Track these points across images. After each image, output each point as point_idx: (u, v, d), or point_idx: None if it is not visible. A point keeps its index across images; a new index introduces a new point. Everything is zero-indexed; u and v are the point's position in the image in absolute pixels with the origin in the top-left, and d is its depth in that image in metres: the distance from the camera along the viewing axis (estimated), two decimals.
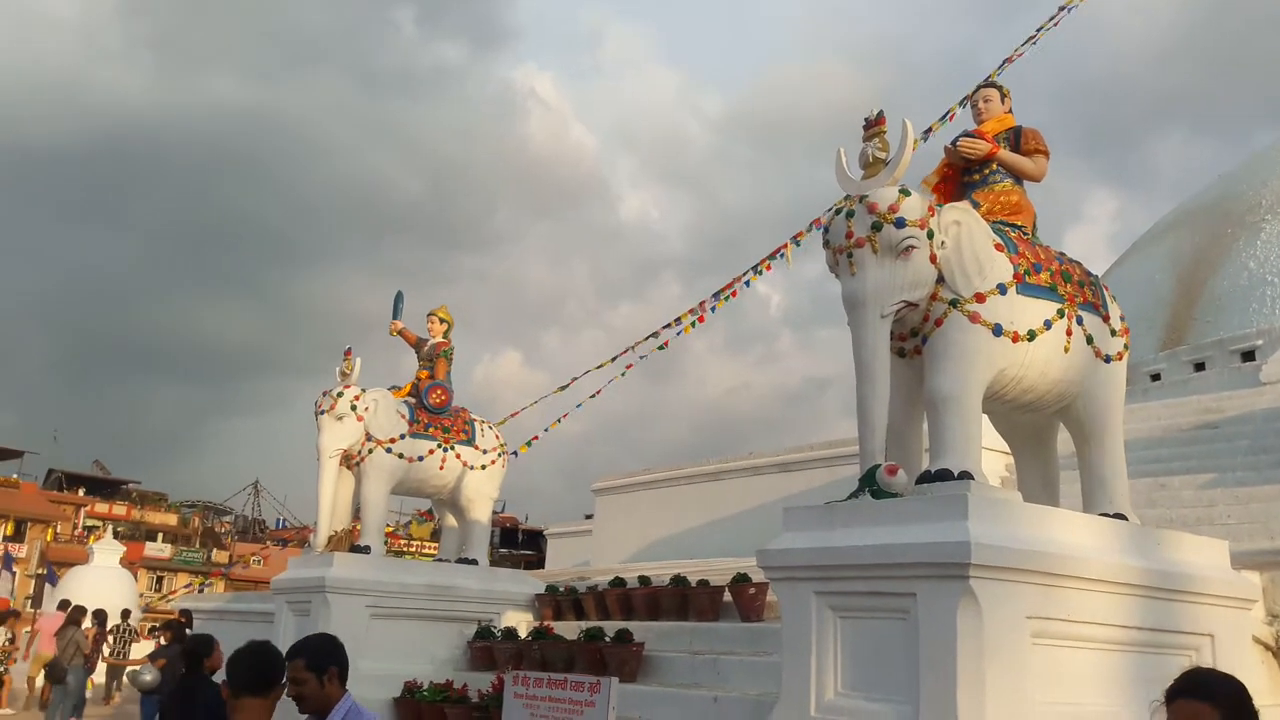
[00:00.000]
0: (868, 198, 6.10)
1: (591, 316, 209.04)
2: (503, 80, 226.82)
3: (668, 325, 21.82)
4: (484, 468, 12.26)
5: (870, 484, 5.80)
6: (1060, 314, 6.51)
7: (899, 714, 5.36)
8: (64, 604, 16.86)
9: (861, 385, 6.01)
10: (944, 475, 5.80)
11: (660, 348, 21.56)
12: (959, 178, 7.20)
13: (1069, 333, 6.56)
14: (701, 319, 21.62)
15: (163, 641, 15.41)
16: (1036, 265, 6.55)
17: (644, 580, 10.63)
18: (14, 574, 27.76)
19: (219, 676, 5.18)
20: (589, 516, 23.33)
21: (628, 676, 8.26)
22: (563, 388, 21.89)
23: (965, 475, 5.76)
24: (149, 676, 10.66)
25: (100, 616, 16.70)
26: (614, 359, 21.69)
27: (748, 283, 21.30)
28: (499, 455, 12.58)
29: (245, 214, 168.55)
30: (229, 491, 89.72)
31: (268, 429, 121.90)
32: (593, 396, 21.94)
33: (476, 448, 12.26)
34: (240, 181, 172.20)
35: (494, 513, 13.57)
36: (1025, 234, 6.88)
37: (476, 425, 12.49)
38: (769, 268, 20.62)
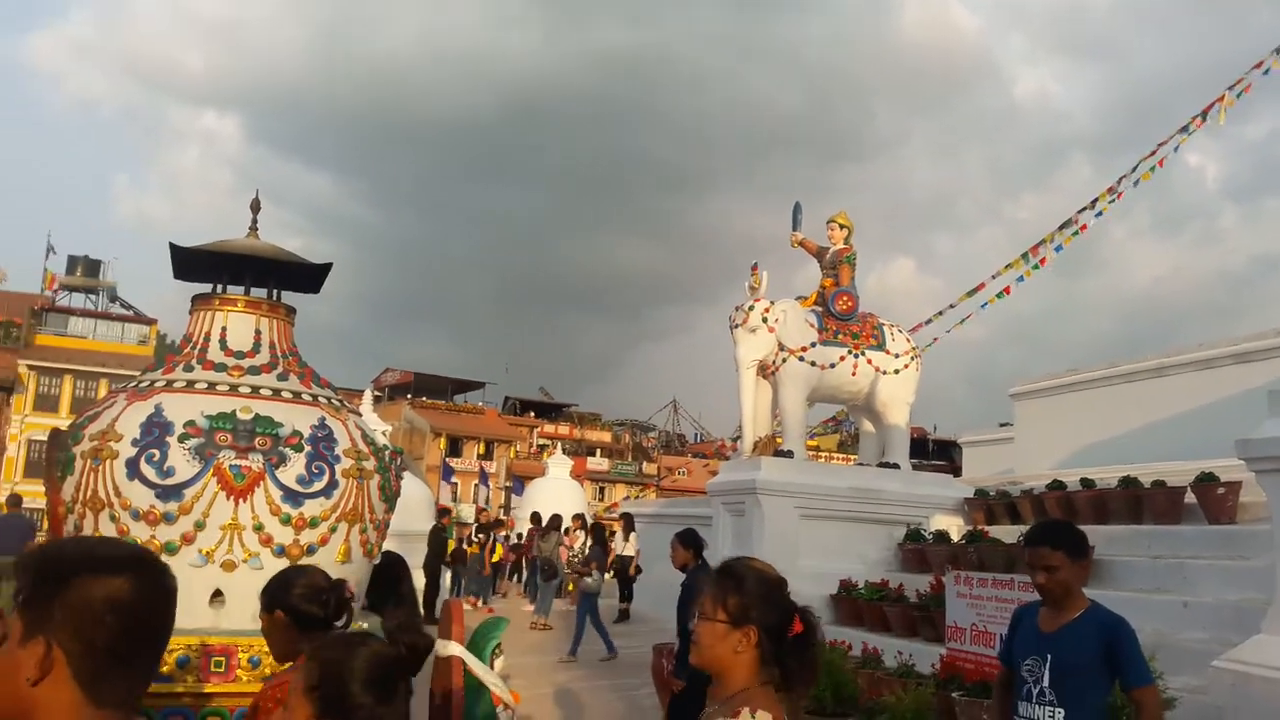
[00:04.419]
0: None
1: (988, 212, 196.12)
2: None
3: (1083, 209, 19.79)
4: (897, 372, 12.12)
5: None
6: None
7: None
8: (534, 516, 19.21)
9: None
10: None
11: (1076, 233, 19.69)
12: None
13: None
14: (1120, 196, 19.33)
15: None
16: None
17: (1086, 483, 9.95)
18: (489, 487, 32.69)
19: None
20: (1004, 424, 22.19)
21: None
22: (971, 292, 20.82)
23: None
24: (590, 579, 11.93)
25: (556, 521, 18.88)
26: (1024, 255, 20.16)
27: (1176, 148, 18.59)
28: (911, 359, 12.36)
29: (639, 152, 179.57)
30: (651, 410, 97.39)
31: (677, 352, 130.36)
32: (1000, 296, 20.60)
33: (887, 352, 12.14)
34: (631, 122, 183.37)
35: None
36: None
37: (886, 330, 12.34)
38: (1200, 124, 17.84)
